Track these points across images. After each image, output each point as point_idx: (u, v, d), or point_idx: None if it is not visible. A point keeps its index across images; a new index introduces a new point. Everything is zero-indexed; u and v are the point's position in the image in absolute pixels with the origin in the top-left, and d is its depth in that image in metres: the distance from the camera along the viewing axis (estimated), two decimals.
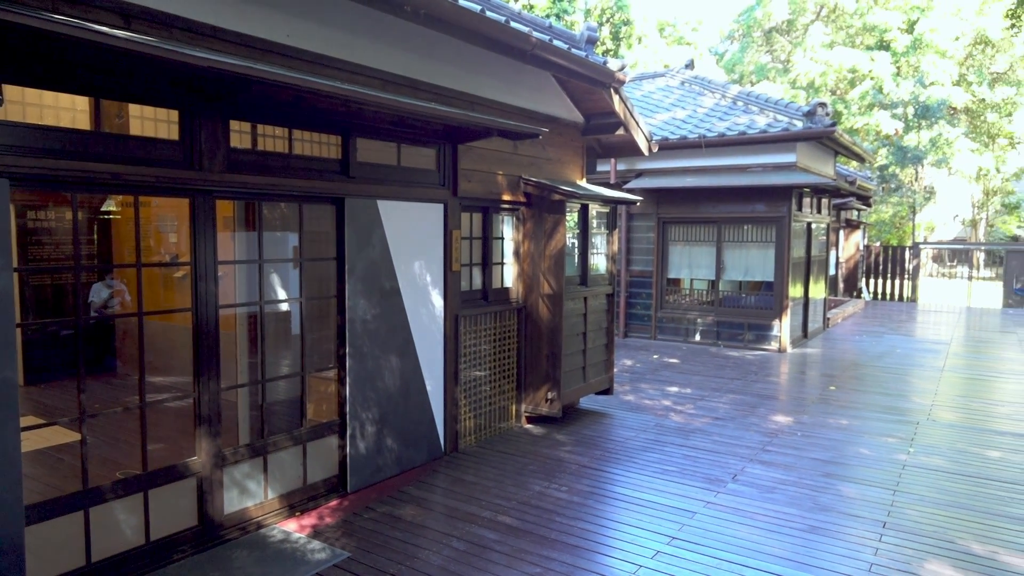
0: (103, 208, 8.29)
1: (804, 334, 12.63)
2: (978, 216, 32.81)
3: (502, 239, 6.67)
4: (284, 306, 5.37)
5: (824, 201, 13.43)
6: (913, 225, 27.23)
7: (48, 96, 3.34)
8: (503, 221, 6.68)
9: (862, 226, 21.49)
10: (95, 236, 8.37)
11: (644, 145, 7.81)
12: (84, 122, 3.43)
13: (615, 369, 8.17)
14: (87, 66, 3.33)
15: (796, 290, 12.00)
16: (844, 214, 18.87)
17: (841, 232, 19.37)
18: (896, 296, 21.17)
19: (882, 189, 26.55)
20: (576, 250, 7.05)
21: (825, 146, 12.35)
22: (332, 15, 4.55)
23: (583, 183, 7.50)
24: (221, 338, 4.10)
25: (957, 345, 12.43)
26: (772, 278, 11.41)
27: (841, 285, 20.02)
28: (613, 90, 6.85)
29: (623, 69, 6.46)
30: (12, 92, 3.20)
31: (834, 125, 10.92)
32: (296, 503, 4.63)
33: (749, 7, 29.90)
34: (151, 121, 3.77)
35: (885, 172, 25.52)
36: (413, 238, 5.40)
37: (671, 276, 12.49)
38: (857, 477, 5.48)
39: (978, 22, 24.09)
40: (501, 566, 3.94)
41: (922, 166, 25.66)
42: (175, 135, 3.80)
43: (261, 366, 4.50)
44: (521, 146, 6.51)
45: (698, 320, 12.17)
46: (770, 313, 11.50)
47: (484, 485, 5.20)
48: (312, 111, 4.44)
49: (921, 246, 21.91)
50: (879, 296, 21.46)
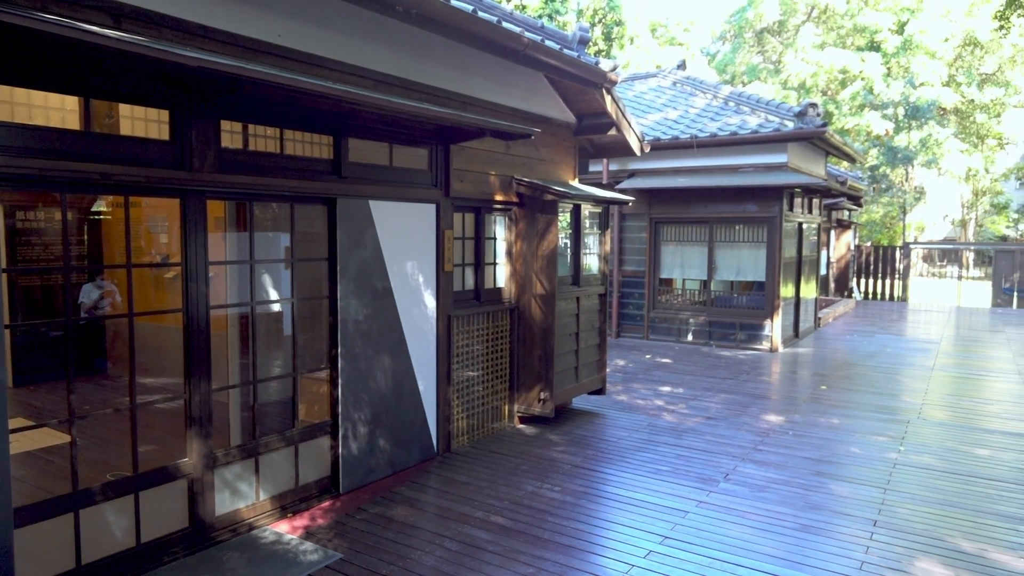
0: (93, 208, 8.24)
1: (795, 334, 12.68)
2: (967, 216, 33.05)
3: (495, 239, 6.67)
4: (276, 306, 5.35)
5: (815, 201, 13.49)
6: (903, 225, 27.40)
7: (37, 96, 3.32)
8: (496, 221, 6.68)
9: (853, 226, 21.61)
10: (85, 237, 8.31)
11: (636, 145, 7.83)
12: (74, 122, 3.41)
13: (608, 369, 8.18)
14: (77, 66, 3.31)
15: (787, 290, 12.05)
16: (835, 214, 18.96)
17: (832, 232, 19.47)
18: (887, 296, 21.30)
19: (873, 189, 26.71)
20: (568, 250, 7.06)
21: (816, 146, 12.41)
22: (324, 15, 4.54)
23: (575, 183, 7.51)
24: (212, 339, 4.09)
25: (947, 344, 12.52)
26: (764, 278, 11.46)
27: (832, 285, 20.12)
28: (605, 90, 6.87)
29: (615, 69, 6.48)
30: (1, 92, 3.18)
31: (825, 125, 10.96)
32: (288, 504, 4.62)
33: (740, 8, 30.04)
34: (141, 121, 3.76)
35: (876, 172, 25.69)
36: (405, 238, 5.40)
37: (663, 276, 12.52)
38: (848, 476, 5.51)
39: (967, 23, 24.30)
40: (494, 566, 3.94)
41: (912, 166, 25.83)
42: (165, 135, 3.78)
43: (252, 367, 4.49)
44: (513, 146, 6.51)
45: (690, 320, 12.21)
46: (762, 313, 11.55)
47: (477, 485, 5.20)
48: (304, 111, 4.43)
49: (911, 246, 22.05)
50: (870, 296, 21.59)
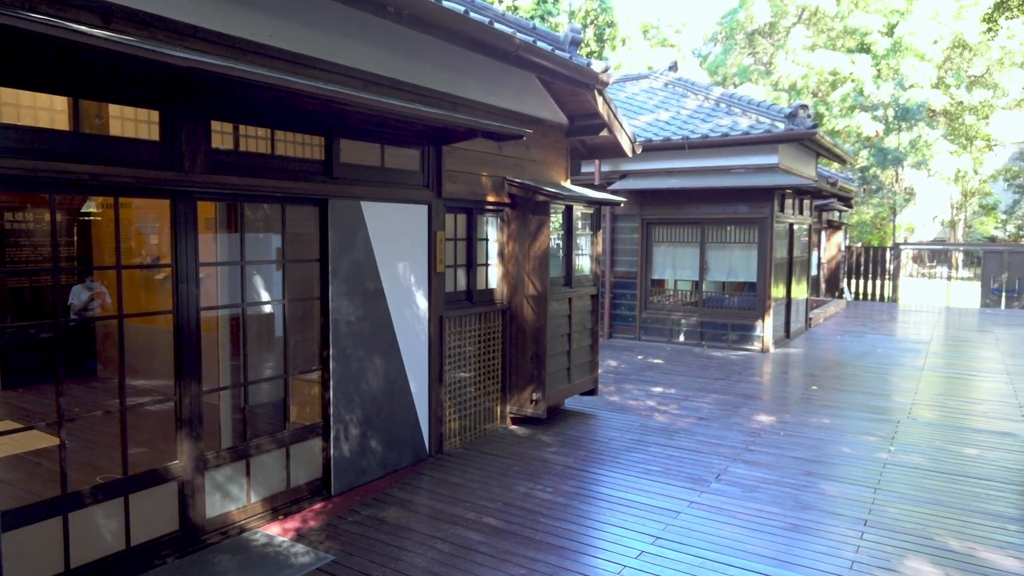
0: (83, 209, 8.18)
1: (787, 334, 12.74)
2: (957, 217, 33.29)
3: (487, 240, 6.67)
4: (267, 308, 5.33)
5: (806, 202, 13.56)
6: (894, 226, 27.57)
7: (25, 96, 3.29)
8: (487, 222, 6.68)
9: (844, 227, 21.72)
10: (75, 238, 8.25)
11: (628, 146, 7.85)
12: (63, 122, 3.39)
13: (600, 370, 8.19)
14: (66, 66, 3.29)
15: (779, 291, 12.11)
16: (826, 215, 19.06)
17: (823, 233, 19.57)
18: (877, 296, 21.42)
19: (863, 190, 26.88)
20: (561, 251, 7.07)
21: (807, 148, 12.47)
22: (315, 15, 4.53)
23: (567, 184, 7.52)
24: (203, 340, 4.07)
25: (936, 344, 12.60)
26: (755, 279, 11.50)
27: (823, 285, 20.22)
28: (597, 91, 6.88)
29: (607, 71, 6.49)
30: None
31: (815, 127, 11.02)
32: (279, 506, 4.60)
33: (732, 10, 30.16)
34: (131, 121, 3.73)
35: (866, 173, 25.84)
36: (397, 239, 5.39)
37: (655, 277, 12.55)
38: (839, 475, 5.54)
39: (956, 26, 24.48)
40: (486, 568, 3.94)
41: (902, 167, 25.99)
42: (155, 136, 3.76)
43: (243, 368, 4.47)
44: (505, 147, 6.51)
45: (682, 321, 12.24)
46: (753, 313, 11.59)
47: (469, 487, 5.20)
48: (294, 112, 4.41)
49: (901, 247, 22.19)
50: (860, 296, 21.70)
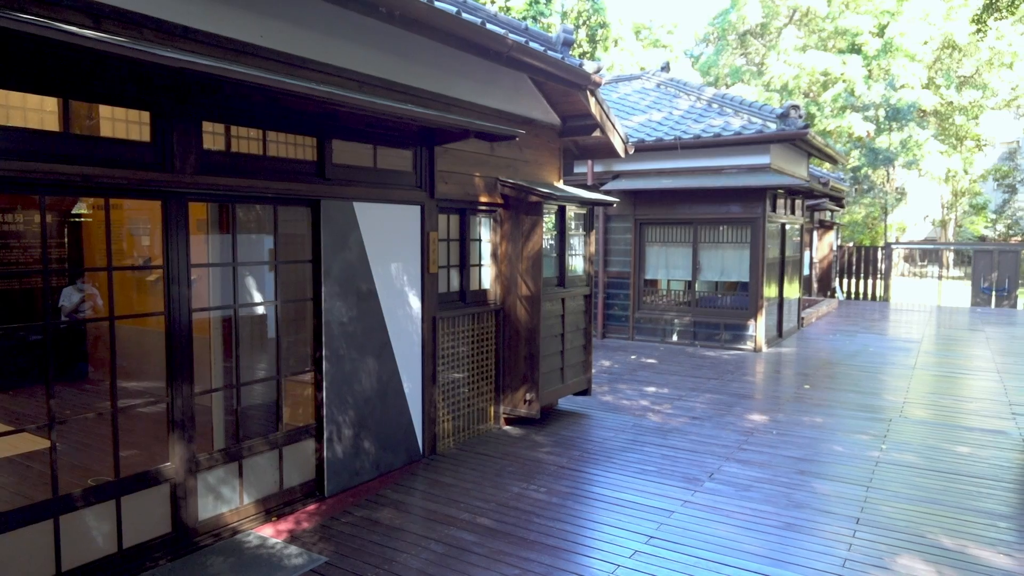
0: (74, 211, 8.14)
1: (779, 334, 12.78)
2: (947, 217, 33.47)
3: (480, 241, 6.67)
4: (259, 309, 5.31)
5: (798, 202, 13.62)
6: (885, 226, 27.72)
7: (15, 96, 3.27)
8: (480, 223, 6.68)
9: (835, 227, 21.82)
10: (65, 239, 8.21)
11: (620, 147, 7.86)
12: (53, 123, 3.37)
13: (593, 370, 8.21)
14: (56, 67, 3.27)
15: (771, 290, 12.15)
16: (817, 215, 19.14)
17: (815, 233, 19.66)
18: (869, 295, 21.52)
19: (855, 190, 27.00)
20: (554, 251, 7.07)
21: (798, 148, 12.52)
22: (306, 16, 4.52)
23: (560, 185, 7.53)
24: (195, 342, 4.05)
25: (928, 343, 12.67)
26: (747, 278, 11.54)
27: (815, 285, 20.30)
28: (590, 92, 6.89)
29: (599, 71, 6.50)
30: None
31: (807, 127, 11.06)
32: (272, 508, 4.59)
33: (724, 10, 30.27)
34: (122, 122, 3.72)
35: (857, 173, 25.96)
36: (390, 240, 5.38)
37: (648, 277, 12.57)
38: (831, 474, 5.56)
39: (946, 27, 24.64)
40: (480, 568, 3.94)
41: (893, 167, 26.14)
42: (147, 136, 3.75)
43: (236, 370, 4.45)
44: (498, 148, 6.52)
45: (675, 320, 12.27)
46: (745, 313, 11.63)
47: (463, 487, 5.19)
48: (286, 112, 4.40)
49: (893, 246, 22.31)
50: (852, 296, 21.80)
